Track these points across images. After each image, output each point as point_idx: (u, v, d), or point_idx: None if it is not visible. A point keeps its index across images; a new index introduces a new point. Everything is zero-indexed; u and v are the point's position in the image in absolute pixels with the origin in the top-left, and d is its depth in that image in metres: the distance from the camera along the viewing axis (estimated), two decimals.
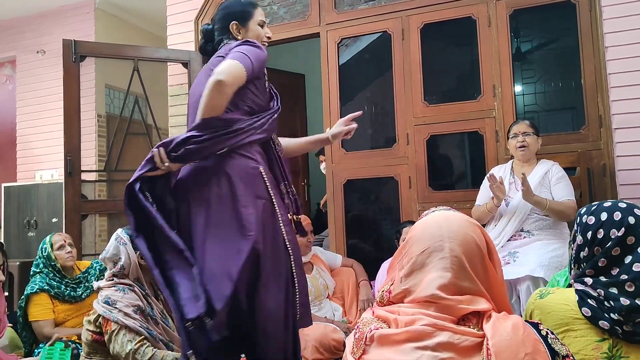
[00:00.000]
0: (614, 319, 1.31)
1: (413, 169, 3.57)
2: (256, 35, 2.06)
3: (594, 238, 1.41)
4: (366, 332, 1.09)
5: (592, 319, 1.34)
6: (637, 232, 1.36)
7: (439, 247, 1.12)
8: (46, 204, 5.22)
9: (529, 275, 2.43)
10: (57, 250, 2.93)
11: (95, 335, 2.20)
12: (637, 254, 1.34)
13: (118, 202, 4.64)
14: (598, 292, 1.36)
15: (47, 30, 5.80)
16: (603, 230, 1.40)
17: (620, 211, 1.40)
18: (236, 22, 2.05)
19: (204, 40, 2.18)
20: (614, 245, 1.37)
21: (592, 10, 3.21)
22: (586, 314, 1.35)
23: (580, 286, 1.41)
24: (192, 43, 4.29)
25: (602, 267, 1.39)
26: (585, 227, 1.44)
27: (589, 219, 1.44)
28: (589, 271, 1.41)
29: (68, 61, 3.79)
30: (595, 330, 1.33)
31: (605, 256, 1.38)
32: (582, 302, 1.36)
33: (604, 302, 1.33)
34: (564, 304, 1.39)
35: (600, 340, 1.32)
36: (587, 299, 1.36)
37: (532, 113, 3.50)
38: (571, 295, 1.40)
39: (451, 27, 3.61)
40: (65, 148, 3.76)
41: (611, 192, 3.09)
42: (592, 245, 1.41)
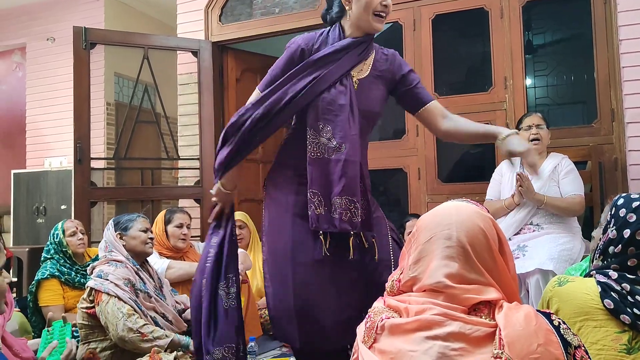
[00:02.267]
0: (637, 314, 1.29)
1: (422, 161, 3.56)
2: (365, 5, 1.84)
3: (632, 239, 1.36)
4: (377, 321, 1.09)
5: (613, 312, 1.31)
6: None
7: (447, 236, 1.12)
8: (55, 190, 5.26)
9: (538, 269, 2.42)
10: (69, 237, 2.96)
11: (89, 309, 2.23)
12: None
13: (126, 189, 4.67)
14: (622, 287, 1.33)
15: (57, 17, 5.80)
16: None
17: None
18: None
19: (325, 8, 2.01)
20: None
21: (606, 3, 3.17)
22: (608, 306, 1.32)
23: (603, 278, 1.38)
24: (202, 32, 4.28)
25: (631, 266, 1.36)
26: (623, 224, 1.39)
27: (629, 216, 1.38)
28: (614, 266, 1.38)
29: (78, 48, 3.80)
30: (615, 322, 1.31)
31: (637, 257, 1.35)
32: (605, 294, 1.33)
33: (627, 297, 1.31)
34: (585, 292, 1.37)
35: (621, 331, 1.31)
36: (610, 292, 1.33)
37: (543, 106, 3.48)
38: (592, 285, 1.37)
39: (463, 18, 3.58)
40: (75, 135, 3.77)
41: (622, 186, 3.06)
42: (627, 244, 1.37)
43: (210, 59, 4.19)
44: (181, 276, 2.73)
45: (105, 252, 2.39)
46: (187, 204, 4.13)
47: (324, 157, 1.84)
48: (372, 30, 1.90)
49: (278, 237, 1.94)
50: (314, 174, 1.85)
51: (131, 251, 2.39)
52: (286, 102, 1.84)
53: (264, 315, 3.17)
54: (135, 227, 2.43)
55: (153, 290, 2.35)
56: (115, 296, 2.15)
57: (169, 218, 3.02)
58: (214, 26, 4.27)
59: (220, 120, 4.31)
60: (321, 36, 1.93)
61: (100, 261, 2.36)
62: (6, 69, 6.33)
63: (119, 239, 2.40)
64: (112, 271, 2.24)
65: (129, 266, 2.32)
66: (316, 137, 1.86)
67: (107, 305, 2.15)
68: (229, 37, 4.24)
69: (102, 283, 2.19)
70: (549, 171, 2.78)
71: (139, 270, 2.35)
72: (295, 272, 1.87)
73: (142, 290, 2.28)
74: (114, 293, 2.16)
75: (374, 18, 1.86)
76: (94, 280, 2.22)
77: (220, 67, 4.34)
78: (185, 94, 4.34)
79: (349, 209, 1.82)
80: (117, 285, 2.19)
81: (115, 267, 2.27)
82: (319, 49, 1.90)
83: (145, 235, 2.44)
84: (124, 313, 2.12)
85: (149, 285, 2.35)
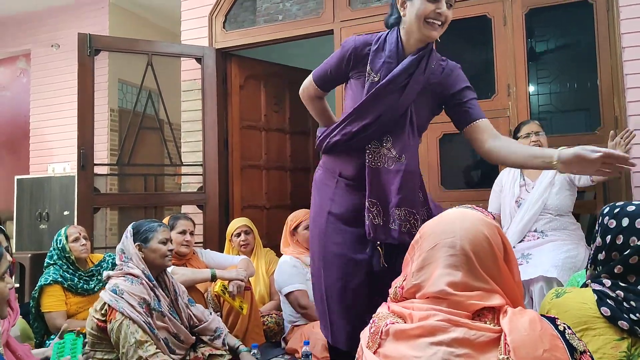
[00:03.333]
0: (634, 319, 1.29)
1: (425, 168, 3.55)
2: (417, 11, 1.74)
3: (613, 243, 1.39)
4: (382, 327, 1.09)
5: (611, 319, 1.32)
6: None
7: (451, 244, 1.12)
8: (58, 196, 5.27)
9: (542, 276, 2.42)
10: (72, 243, 2.96)
11: (101, 322, 2.20)
12: None
13: (130, 196, 4.67)
14: (617, 294, 1.34)
15: (62, 24, 5.84)
16: (623, 237, 1.37)
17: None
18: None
19: (389, 13, 1.92)
20: (633, 253, 1.35)
21: (609, 11, 3.18)
22: (605, 314, 1.32)
23: (598, 286, 1.39)
24: (205, 39, 4.30)
25: (618, 273, 1.37)
26: (605, 230, 1.42)
27: (610, 222, 1.41)
28: (604, 275, 1.40)
29: (83, 55, 3.82)
30: (614, 329, 1.32)
31: (621, 263, 1.36)
32: (601, 302, 1.34)
33: (623, 303, 1.32)
34: (582, 302, 1.37)
35: (620, 339, 1.30)
36: (606, 299, 1.34)
37: (546, 113, 3.47)
38: (589, 295, 1.38)
39: (466, 26, 3.58)
40: (78, 141, 3.78)
41: (626, 194, 3.05)
42: (610, 250, 1.39)
43: (213, 65, 4.21)
44: (184, 282, 2.73)
45: (120, 260, 2.32)
46: (190, 210, 4.13)
47: (384, 167, 1.81)
48: (425, 38, 1.80)
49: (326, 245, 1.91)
50: (373, 183, 1.81)
51: (149, 264, 2.33)
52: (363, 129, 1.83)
53: (266, 322, 3.16)
54: (156, 239, 2.35)
55: (167, 309, 2.31)
56: (128, 317, 2.12)
57: (172, 224, 3.02)
58: (217, 33, 4.29)
59: (224, 126, 4.32)
60: (379, 40, 1.86)
61: (116, 272, 2.30)
62: (11, 75, 6.37)
63: (137, 250, 2.32)
64: (127, 288, 2.19)
65: (145, 282, 2.26)
66: (378, 147, 1.82)
67: (120, 326, 2.12)
68: (232, 44, 4.25)
69: (118, 301, 2.15)
70: (549, 178, 2.78)
71: (154, 287, 2.30)
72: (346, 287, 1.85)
73: (157, 309, 2.24)
74: (128, 314, 2.12)
75: (426, 26, 1.76)
76: (110, 295, 2.17)
77: (223, 74, 4.35)
78: (188, 101, 4.35)
79: (408, 221, 1.80)
80: (131, 305, 2.14)
81: (131, 284, 2.22)
82: (374, 53, 1.84)
83: (165, 247, 2.36)
84: (137, 339, 2.09)
85: (163, 302, 2.30)
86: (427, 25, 1.76)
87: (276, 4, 4.15)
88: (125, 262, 2.31)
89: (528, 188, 2.83)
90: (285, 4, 4.11)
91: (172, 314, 2.34)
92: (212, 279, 2.89)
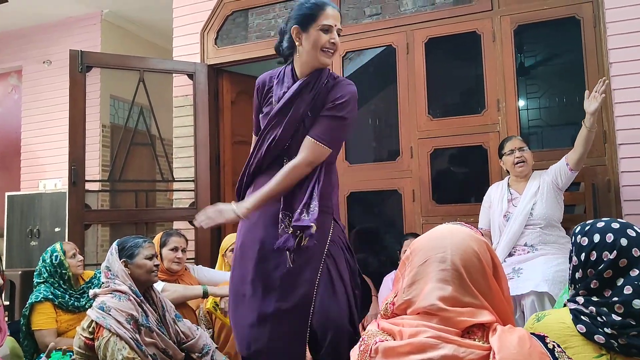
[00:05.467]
0: (608, 333, 1.31)
1: (417, 183, 3.57)
2: (314, 42, 1.91)
3: (587, 260, 1.40)
4: (371, 344, 1.08)
5: (587, 335, 1.34)
6: (629, 254, 1.35)
7: (441, 259, 1.12)
8: (49, 213, 5.24)
9: (533, 291, 2.42)
10: (70, 259, 2.93)
11: (89, 340, 2.17)
12: (630, 277, 1.34)
13: (121, 212, 4.65)
14: (590, 310, 1.36)
15: (54, 40, 5.85)
16: (596, 253, 1.39)
17: (612, 233, 1.38)
18: (297, 26, 1.93)
19: (278, 40, 2.08)
20: (607, 267, 1.36)
21: (596, 27, 3.22)
22: (581, 330, 1.34)
23: (573, 305, 1.41)
24: (197, 55, 4.32)
25: (594, 288, 1.38)
26: (579, 249, 1.44)
27: (582, 240, 1.43)
28: (582, 292, 1.41)
29: (74, 71, 3.82)
30: (592, 346, 1.33)
31: (597, 278, 1.38)
32: (577, 320, 1.36)
33: (597, 318, 1.34)
34: (561, 322, 1.39)
35: (598, 356, 1.32)
36: (581, 316, 1.36)
37: (536, 128, 3.50)
38: (566, 314, 1.40)
39: (456, 42, 3.62)
40: (70, 158, 3.77)
41: (615, 208, 3.08)
42: (585, 267, 1.41)
43: (205, 81, 4.22)
44: (176, 299, 2.71)
45: (107, 277, 2.31)
46: (181, 226, 4.12)
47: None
48: (321, 66, 1.97)
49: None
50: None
51: (136, 280, 2.31)
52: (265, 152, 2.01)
53: None
54: (142, 255, 2.34)
55: (155, 324, 2.29)
56: (116, 334, 2.10)
57: (164, 241, 3.01)
58: (209, 49, 4.31)
59: (216, 142, 4.32)
60: (279, 74, 2.05)
61: (102, 290, 2.28)
62: (2, 91, 6.36)
63: (123, 267, 2.31)
64: (114, 305, 2.17)
65: (132, 298, 2.25)
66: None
67: (107, 343, 2.10)
68: (224, 60, 4.28)
69: (105, 317, 2.13)
70: (532, 192, 2.79)
71: (142, 302, 2.28)
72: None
73: (145, 325, 2.22)
74: (115, 331, 2.10)
75: (322, 54, 1.93)
76: (97, 312, 2.16)
77: (215, 90, 4.37)
78: (180, 116, 4.36)
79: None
80: (119, 322, 2.13)
81: (118, 300, 2.20)
82: (276, 86, 2.03)
83: (151, 263, 2.35)
84: (124, 356, 2.07)
85: (151, 318, 2.28)
86: (323, 53, 1.93)
87: (268, 20, 4.19)
88: (111, 279, 2.29)
89: (515, 202, 2.84)
90: (277, 20, 4.14)
91: (161, 329, 2.32)
92: (203, 296, 2.87)
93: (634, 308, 1.30)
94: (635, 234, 1.38)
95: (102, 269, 2.37)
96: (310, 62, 1.96)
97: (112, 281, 2.29)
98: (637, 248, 1.35)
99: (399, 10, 3.74)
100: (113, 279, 2.29)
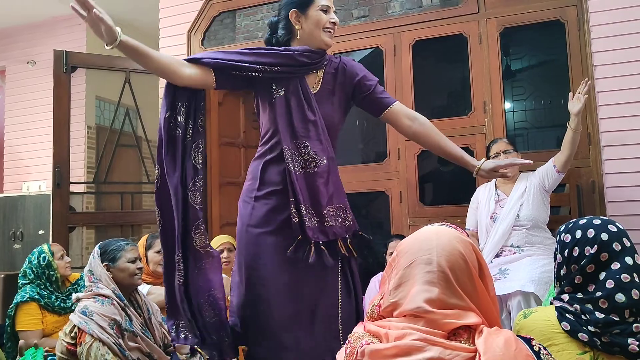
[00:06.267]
0: (592, 331, 1.33)
1: (404, 184, 3.58)
2: (316, 22, 1.96)
3: (570, 256, 1.44)
4: (357, 347, 1.08)
5: (571, 333, 1.36)
6: (610, 248, 1.38)
7: (427, 260, 1.12)
8: (33, 215, 5.16)
9: (519, 291, 2.44)
10: (58, 260, 2.90)
11: (71, 346, 2.14)
12: (611, 271, 1.37)
13: (106, 214, 4.61)
14: (575, 307, 1.39)
15: (38, 40, 5.78)
16: (578, 248, 1.42)
17: (593, 228, 1.42)
18: (295, 9, 1.97)
19: (269, 33, 2.10)
20: (589, 262, 1.39)
21: (580, 30, 3.25)
22: (565, 328, 1.37)
23: (559, 303, 1.44)
24: (184, 56, 4.27)
25: (579, 284, 1.41)
26: (562, 245, 1.47)
27: (565, 236, 1.47)
28: (567, 288, 1.44)
29: (59, 72, 3.78)
30: (576, 344, 1.36)
31: (580, 273, 1.41)
32: (562, 317, 1.39)
33: (581, 316, 1.36)
34: (546, 319, 1.42)
35: (582, 353, 1.35)
36: (566, 314, 1.39)
37: (522, 130, 3.53)
38: (551, 312, 1.43)
39: (442, 44, 3.64)
40: (54, 159, 3.73)
41: (600, 209, 3.10)
42: (569, 263, 1.44)
43: None
44: (161, 302, 2.68)
45: (89, 281, 2.27)
46: None
47: (307, 171, 1.93)
48: (324, 46, 2.01)
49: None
50: (303, 189, 1.91)
51: (119, 283, 2.28)
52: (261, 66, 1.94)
53: None
54: (124, 258, 2.32)
55: (140, 328, 2.26)
56: (98, 339, 2.07)
57: (150, 243, 2.98)
58: (196, 50, 4.29)
59: None
60: None
61: (85, 294, 2.25)
62: None
63: (105, 270, 2.28)
64: (97, 309, 2.14)
65: (116, 302, 2.22)
66: (297, 154, 1.92)
67: (90, 348, 2.07)
68: None
69: (87, 322, 2.10)
70: (519, 193, 2.81)
71: (125, 306, 2.25)
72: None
73: (128, 330, 2.19)
74: (98, 336, 2.07)
75: (324, 33, 1.98)
76: (79, 317, 2.13)
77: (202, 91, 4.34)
78: None
79: (339, 215, 1.95)
80: (101, 327, 2.10)
81: (101, 305, 2.17)
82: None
83: (133, 266, 2.32)
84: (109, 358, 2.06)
85: (135, 322, 2.25)
86: (325, 33, 1.99)
87: (256, 21, 4.17)
88: (94, 283, 2.26)
89: (502, 203, 2.86)
90: (264, 22, 4.13)
91: (145, 333, 2.29)
92: None
93: (618, 303, 1.33)
94: (616, 229, 1.42)
95: (84, 272, 2.34)
96: (313, 44, 1.99)
97: (95, 285, 2.26)
98: (618, 242, 1.39)
99: (387, 13, 3.74)
100: (96, 283, 2.26)
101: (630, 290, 1.33)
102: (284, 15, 2.00)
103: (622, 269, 1.35)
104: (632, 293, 1.33)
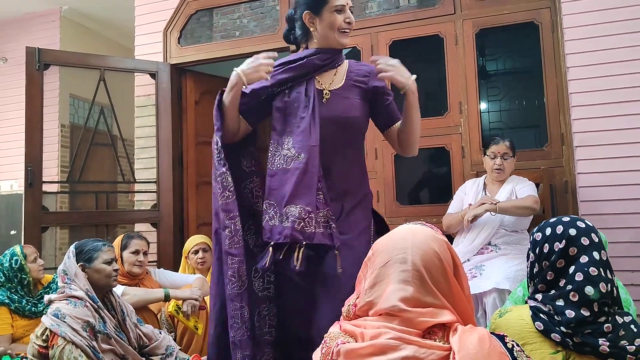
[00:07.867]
0: (564, 331, 1.35)
1: (381, 184, 3.59)
2: (330, 25, 1.92)
3: (541, 253, 1.47)
4: (333, 347, 1.08)
5: (544, 332, 1.39)
6: (578, 242, 1.42)
7: (402, 260, 1.13)
8: (4, 215, 5.07)
9: (495, 288, 2.46)
10: (31, 263, 2.84)
11: (42, 349, 2.09)
12: (579, 264, 1.40)
13: (81, 214, 4.53)
14: (548, 307, 1.41)
15: (11, 37, 5.66)
16: (548, 245, 1.46)
17: (562, 225, 1.46)
18: (309, 11, 1.93)
19: (287, 28, 2.07)
20: (558, 257, 1.43)
21: (554, 32, 3.31)
22: (539, 328, 1.39)
23: (533, 302, 1.46)
24: (160, 54, 4.25)
25: (551, 280, 1.44)
26: (534, 244, 1.51)
27: (537, 235, 1.50)
28: (540, 286, 1.47)
29: (31, 69, 3.70)
30: (549, 343, 1.38)
31: (552, 269, 1.44)
32: (535, 317, 1.42)
33: (554, 316, 1.39)
34: (520, 319, 1.44)
35: (554, 352, 1.37)
36: (540, 314, 1.41)
37: (497, 130, 3.57)
38: (526, 311, 1.45)
39: (419, 45, 3.67)
40: (26, 158, 3.65)
41: (573, 208, 3.16)
42: (540, 260, 1.47)
43: (168, 81, 4.16)
44: (137, 303, 2.66)
45: (63, 282, 2.23)
46: (143, 228, 4.04)
47: (283, 167, 1.87)
48: (339, 46, 1.98)
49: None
50: (273, 185, 1.87)
51: (94, 285, 2.24)
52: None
53: None
54: (100, 259, 2.28)
55: (114, 330, 2.23)
56: (71, 342, 2.04)
57: (125, 244, 2.95)
58: (172, 48, 4.25)
59: (178, 142, 4.26)
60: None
61: (58, 296, 2.20)
62: None
63: (80, 271, 2.23)
64: (70, 312, 2.10)
65: (89, 304, 2.17)
66: (279, 149, 1.91)
67: (62, 351, 2.03)
68: (188, 60, 4.22)
69: (59, 325, 2.05)
70: (507, 193, 2.84)
71: (99, 308, 2.21)
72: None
73: (102, 332, 2.16)
74: (70, 339, 2.04)
75: (340, 35, 1.95)
76: (51, 319, 2.08)
77: (178, 89, 4.30)
78: (142, 116, 4.27)
79: (302, 219, 1.79)
80: (74, 329, 2.06)
81: (74, 307, 2.12)
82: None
83: (110, 268, 2.28)
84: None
85: (109, 324, 2.22)
86: (340, 34, 1.95)
87: (233, 20, 4.15)
88: (67, 284, 2.22)
89: None
90: (242, 20, 4.11)
91: (119, 335, 2.26)
92: (165, 299, 2.82)
93: (587, 296, 1.35)
94: (585, 225, 1.45)
95: (58, 272, 2.29)
96: (329, 44, 1.97)
97: (68, 286, 2.21)
98: (586, 237, 1.42)
99: (364, 13, 3.76)
100: (69, 284, 2.22)
101: (598, 283, 1.36)
102: (299, 15, 1.98)
103: (590, 263, 1.39)
104: (600, 286, 1.36)
